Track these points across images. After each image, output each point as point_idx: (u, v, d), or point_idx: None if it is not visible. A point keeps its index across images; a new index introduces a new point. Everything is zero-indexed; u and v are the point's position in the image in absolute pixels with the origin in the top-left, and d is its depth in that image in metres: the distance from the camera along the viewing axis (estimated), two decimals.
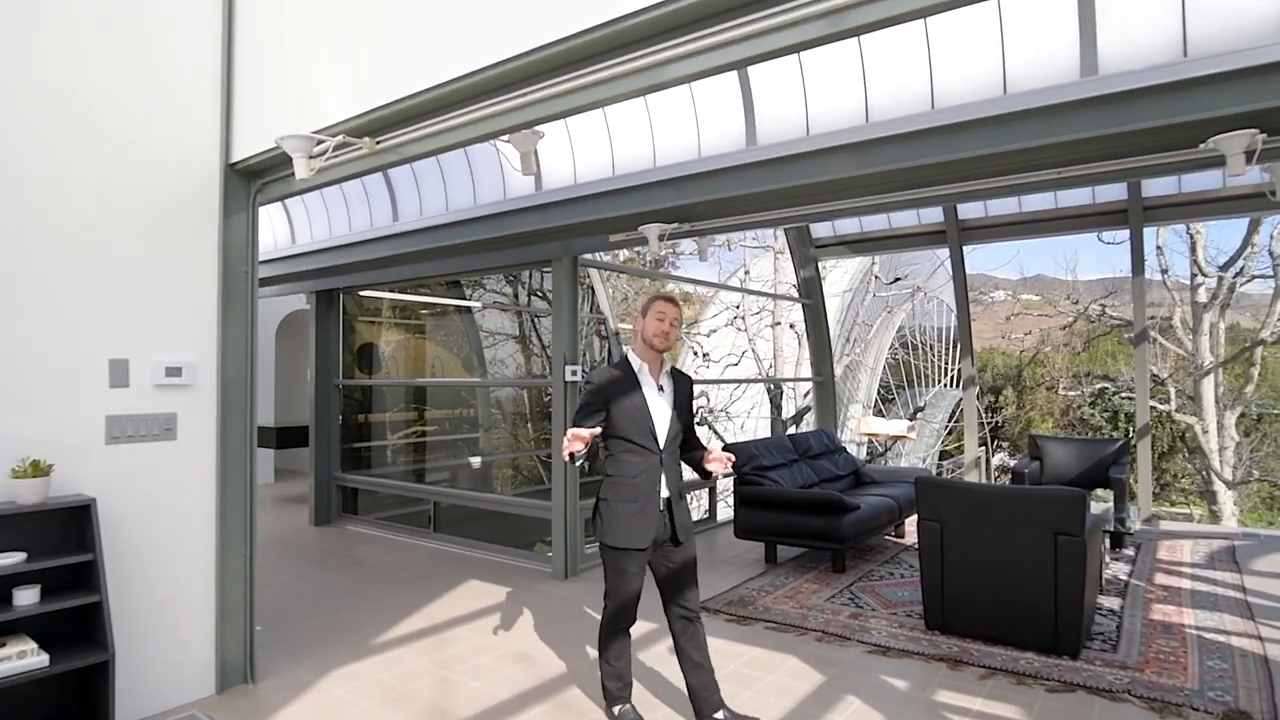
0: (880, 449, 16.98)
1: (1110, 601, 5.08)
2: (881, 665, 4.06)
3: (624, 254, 15.69)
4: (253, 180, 3.90)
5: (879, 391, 21.11)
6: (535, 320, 13.26)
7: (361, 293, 8.75)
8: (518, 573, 6.03)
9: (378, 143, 3.22)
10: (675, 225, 4.99)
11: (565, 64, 2.68)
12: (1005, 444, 24.53)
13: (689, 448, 3.25)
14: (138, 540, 3.42)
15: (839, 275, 14.91)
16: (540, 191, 5.56)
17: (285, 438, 8.87)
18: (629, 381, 3.09)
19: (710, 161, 4.64)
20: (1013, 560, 4.18)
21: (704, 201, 4.74)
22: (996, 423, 25.22)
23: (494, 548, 6.62)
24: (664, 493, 3.08)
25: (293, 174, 3.58)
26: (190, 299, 3.67)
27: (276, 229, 7.93)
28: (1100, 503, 5.65)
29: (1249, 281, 15.37)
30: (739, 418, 14.92)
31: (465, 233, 6.00)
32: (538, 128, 3.15)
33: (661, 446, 3.07)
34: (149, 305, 3.52)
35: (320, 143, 3.18)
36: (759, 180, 4.49)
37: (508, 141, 3.13)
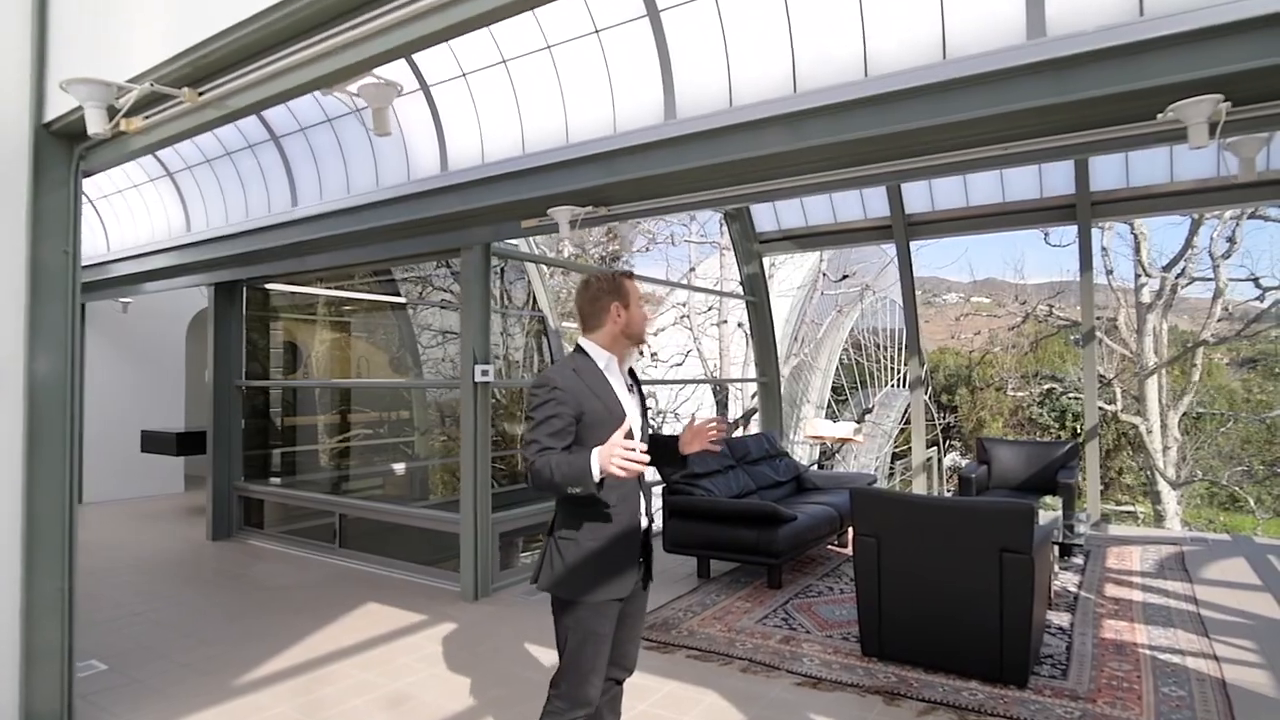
0: (832, 450, 16.74)
1: (1059, 618, 4.74)
2: (811, 700, 3.62)
3: (569, 249, 15.15)
4: (74, 144, 3.28)
5: (831, 393, 20.93)
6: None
7: (268, 285, 8.07)
8: (425, 593, 5.47)
9: (200, 94, 2.66)
10: (589, 209, 4.50)
11: None
12: (957, 444, 24.65)
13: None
14: None
15: (790, 273, 14.59)
16: (445, 172, 5.02)
17: (187, 443, 8.15)
18: (597, 380, 2.38)
19: (627, 138, 4.16)
20: (955, 580, 3.78)
21: (621, 181, 4.26)
22: (948, 423, 25.35)
23: (403, 565, 6.04)
24: (644, 520, 2.42)
25: (124, 134, 3.00)
26: None
27: (171, 214, 7.23)
28: (1048, 510, 5.31)
29: (1190, 284, 15.51)
30: (686, 419, 14.47)
31: (366, 218, 5.42)
32: (394, 81, 2.63)
33: None
34: None
35: (124, 93, 2.60)
36: (681, 157, 4.03)
37: (357, 95, 2.59)
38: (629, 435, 2.30)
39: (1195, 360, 15.59)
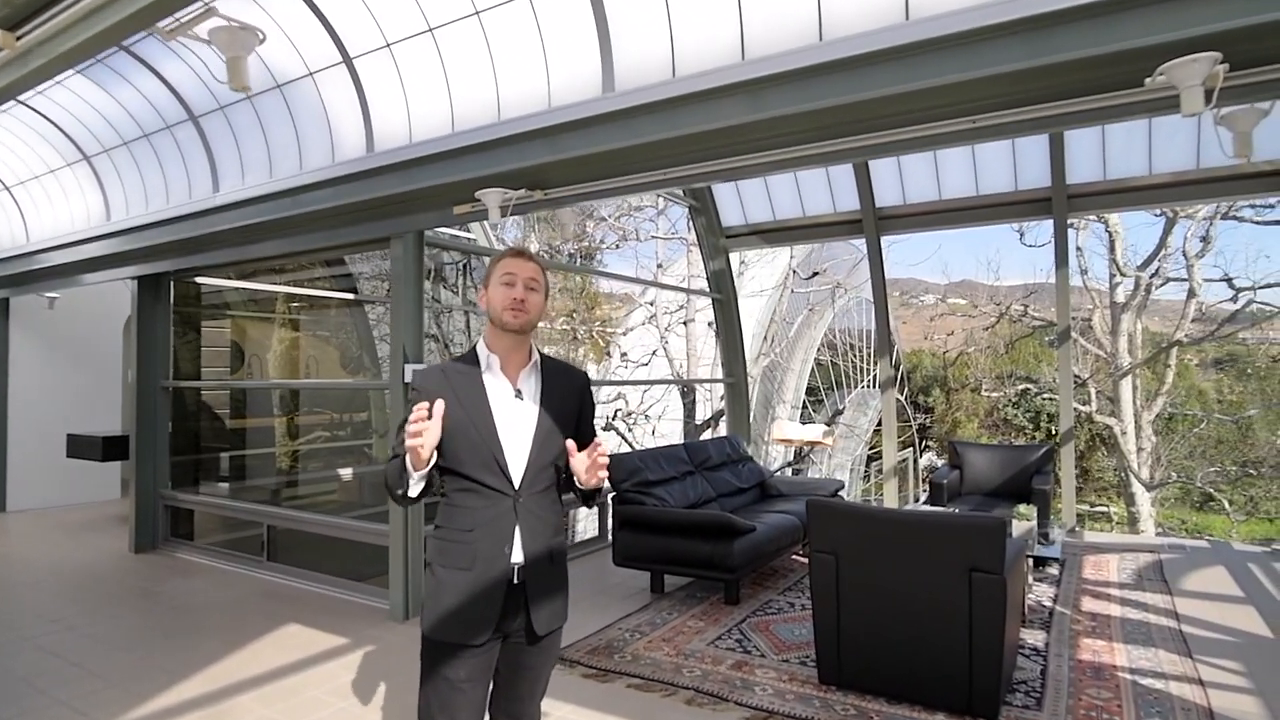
0: (805, 454, 16.44)
1: (1034, 636, 4.40)
2: None
3: (535, 243, 14.71)
4: None
5: (806, 394, 20.63)
6: (441, 315, 12.12)
7: (204, 279, 7.55)
8: (353, 613, 5.03)
9: (18, 38, 2.21)
10: (523, 192, 4.08)
11: None
12: (933, 444, 24.48)
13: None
14: None
15: (759, 271, 14.24)
16: (370, 154, 4.60)
17: (115, 448, 7.60)
18: (468, 383, 2.03)
19: (562, 112, 3.77)
20: (920, 601, 3.42)
21: (557, 161, 3.87)
22: (924, 423, 25.18)
23: (335, 581, 5.58)
24: (517, 556, 2.01)
25: None
26: None
27: (90, 202, 6.72)
28: (1022, 520, 4.99)
29: (1164, 284, 15.37)
30: (654, 420, 14.08)
31: (288, 205, 5.00)
32: (252, 25, 2.20)
33: (517, 485, 2.00)
34: None
35: None
36: (623, 133, 3.65)
37: (209, 41, 2.17)
38: (499, 454, 1.99)
39: (1169, 361, 15.46)
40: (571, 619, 2.20)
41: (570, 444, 2.00)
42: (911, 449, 21.81)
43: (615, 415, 14.90)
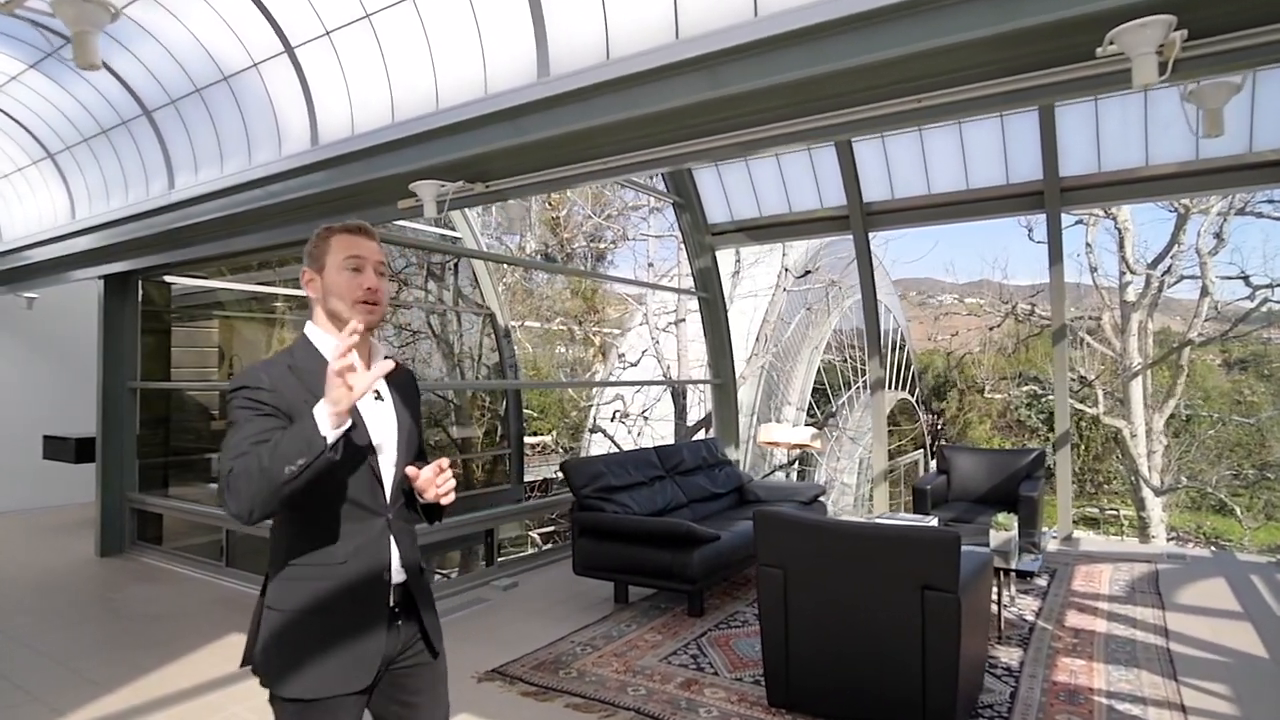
0: (810, 456, 16.14)
1: (1009, 654, 4.14)
2: None
3: (533, 241, 14.53)
4: None
5: (813, 396, 20.28)
6: (458, 317, 11.98)
7: (182, 278, 7.43)
8: None
9: None
10: (460, 185, 3.88)
11: None
12: (946, 445, 23.97)
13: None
14: None
15: (757, 271, 13.97)
16: (315, 147, 4.43)
17: (88, 450, 7.48)
18: (322, 380, 1.55)
19: (498, 100, 3.58)
20: (871, 620, 3.19)
21: (494, 151, 3.68)
22: (937, 425, 24.74)
23: None
24: (396, 576, 1.74)
25: None
26: None
27: (57, 200, 6.61)
28: (1000, 530, 4.71)
29: (1177, 282, 14.92)
30: (646, 422, 13.85)
31: (238, 202, 4.87)
32: (106, 2, 2.01)
33: (389, 499, 1.74)
34: None
35: None
36: (561, 119, 3.47)
37: (52, 14, 1.98)
38: (372, 454, 1.71)
39: (1181, 361, 15.01)
40: (524, 631, 1.98)
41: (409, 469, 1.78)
42: (922, 451, 21.38)
43: (614, 416, 14.69)
